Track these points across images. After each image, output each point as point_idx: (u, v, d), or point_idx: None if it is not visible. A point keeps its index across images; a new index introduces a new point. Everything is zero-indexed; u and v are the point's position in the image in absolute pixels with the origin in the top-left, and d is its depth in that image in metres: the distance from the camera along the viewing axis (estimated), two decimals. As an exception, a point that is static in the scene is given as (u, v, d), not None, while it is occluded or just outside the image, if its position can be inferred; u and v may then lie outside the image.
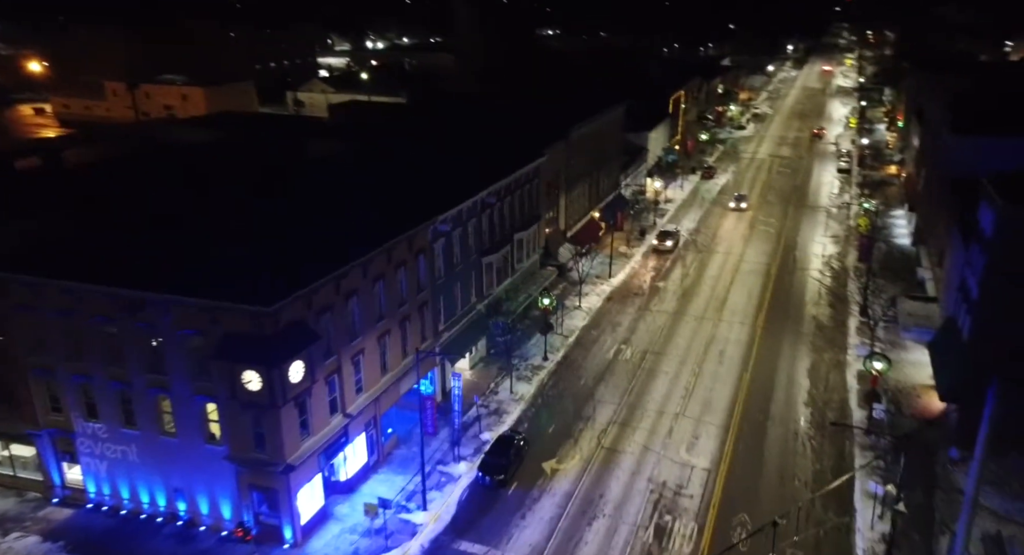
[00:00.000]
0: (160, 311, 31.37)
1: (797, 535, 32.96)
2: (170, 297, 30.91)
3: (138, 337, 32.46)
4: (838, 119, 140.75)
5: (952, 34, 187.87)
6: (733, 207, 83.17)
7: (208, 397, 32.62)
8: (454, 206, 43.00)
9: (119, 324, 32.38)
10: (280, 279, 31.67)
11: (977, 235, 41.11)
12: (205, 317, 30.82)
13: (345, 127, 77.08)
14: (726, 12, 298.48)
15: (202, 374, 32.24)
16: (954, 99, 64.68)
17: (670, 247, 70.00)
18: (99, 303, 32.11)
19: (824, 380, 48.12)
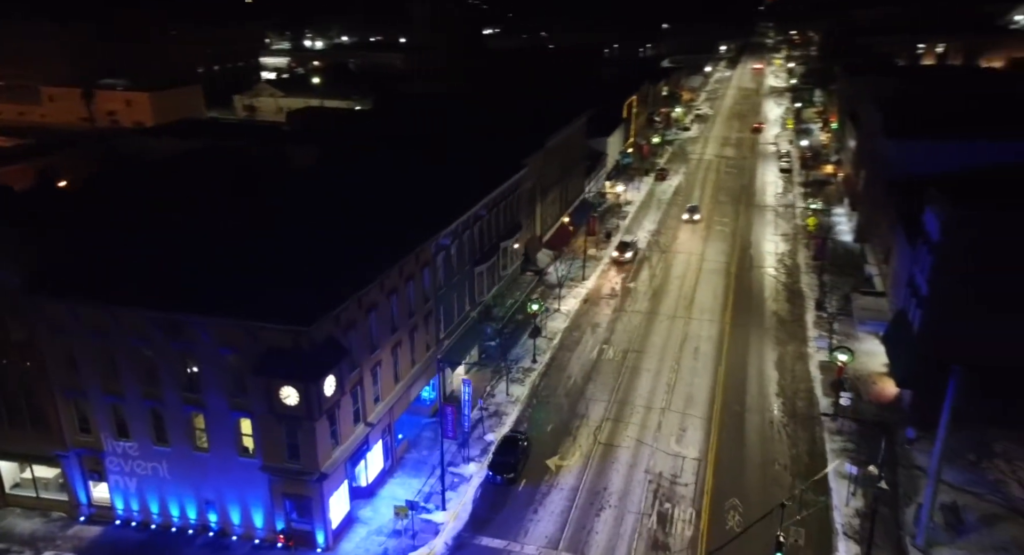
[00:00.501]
0: (198, 331, 32.93)
1: (799, 515, 36.75)
2: (212, 319, 32.50)
3: (174, 357, 33.91)
4: (774, 119, 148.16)
5: (871, 35, 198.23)
6: (686, 219, 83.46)
7: (243, 412, 34.34)
8: (454, 219, 45.52)
9: (156, 345, 33.76)
10: (312, 297, 33.66)
11: (923, 237, 46.00)
12: (244, 336, 32.57)
13: (318, 135, 78.05)
14: (659, 11, 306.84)
15: (238, 390, 33.95)
16: (886, 105, 70.51)
17: (630, 258, 71.39)
18: (137, 325, 33.42)
19: (791, 371, 52.62)
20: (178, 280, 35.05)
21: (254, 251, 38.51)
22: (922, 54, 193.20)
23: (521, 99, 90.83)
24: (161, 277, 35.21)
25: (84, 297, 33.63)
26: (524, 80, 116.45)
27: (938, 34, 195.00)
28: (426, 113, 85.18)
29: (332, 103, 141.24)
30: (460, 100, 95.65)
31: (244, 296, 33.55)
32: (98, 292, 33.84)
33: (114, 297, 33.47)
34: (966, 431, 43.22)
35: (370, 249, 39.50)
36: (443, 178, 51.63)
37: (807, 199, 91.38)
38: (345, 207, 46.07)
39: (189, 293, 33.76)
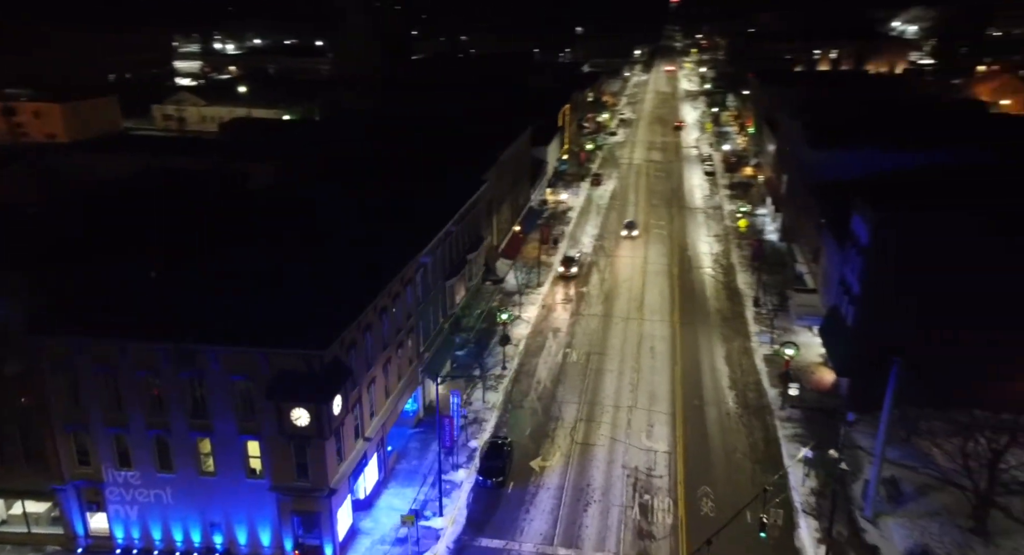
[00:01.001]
0: (209, 359, 33.91)
1: (778, 498, 40.79)
2: (226, 347, 33.56)
3: (182, 385, 34.71)
4: (692, 123, 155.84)
5: (772, 42, 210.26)
6: (625, 235, 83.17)
7: (252, 435, 35.49)
8: (433, 236, 47.52)
9: (164, 375, 34.48)
10: (316, 319, 35.20)
11: (852, 241, 51.32)
12: (255, 362, 33.79)
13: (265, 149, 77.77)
14: (571, 14, 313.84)
15: (247, 414, 35.08)
16: (805, 116, 76.84)
17: (575, 273, 72.34)
18: (146, 357, 34.05)
19: (739, 365, 57.26)
20: (179, 308, 35.90)
21: (245, 275, 39.66)
22: (818, 59, 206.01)
23: (461, 109, 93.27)
24: (161, 306, 35.96)
25: (92, 333, 33.94)
26: (458, 89, 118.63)
27: (831, 40, 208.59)
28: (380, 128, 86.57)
29: (259, 113, 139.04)
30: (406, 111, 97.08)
31: (248, 322, 34.81)
32: (104, 326, 34.23)
33: (124, 331, 33.97)
34: (895, 411, 48.81)
35: (360, 269, 41.18)
36: (412, 194, 53.51)
37: (733, 201, 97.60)
38: (321, 227, 47.45)
39: (194, 322, 34.69)
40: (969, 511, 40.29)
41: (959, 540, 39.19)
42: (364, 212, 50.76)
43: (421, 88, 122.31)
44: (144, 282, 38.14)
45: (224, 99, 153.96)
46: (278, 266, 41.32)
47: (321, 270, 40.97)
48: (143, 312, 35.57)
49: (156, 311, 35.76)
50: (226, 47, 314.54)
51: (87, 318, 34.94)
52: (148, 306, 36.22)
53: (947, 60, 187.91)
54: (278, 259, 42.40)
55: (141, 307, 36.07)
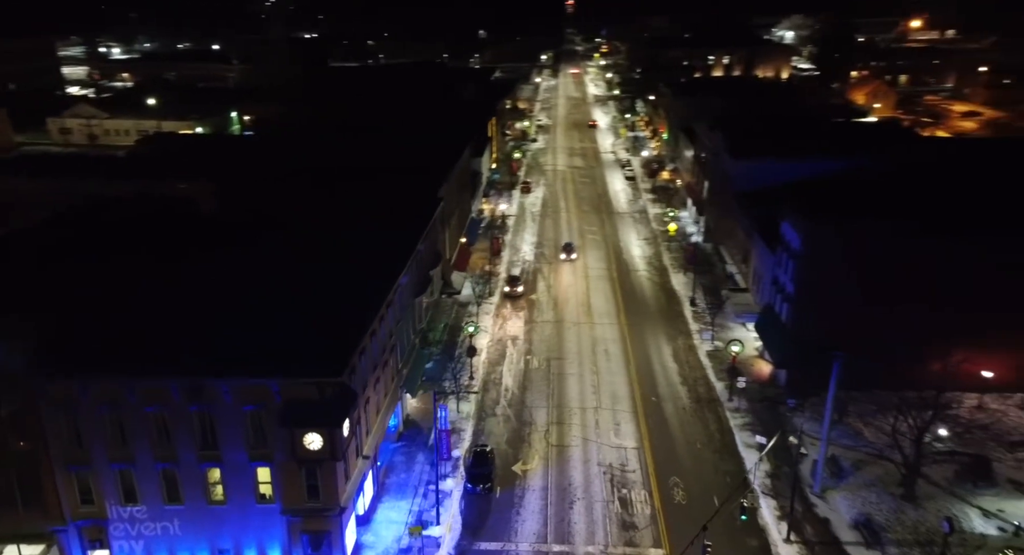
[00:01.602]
0: (221, 392, 34.82)
1: (753, 486, 45.26)
2: (239, 379, 34.56)
3: (192, 418, 35.41)
4: (605, 127, 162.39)
5: (670, 47, 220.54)
6: (564, 258, 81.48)
7: (263, 462, 36.61)
8: (407, 258, 49.43)
9: (173, 409, 35.08)
10: (321, 347, 36.69)
11: (784, 246, 56.96)
12: (268, 391, 34.99)
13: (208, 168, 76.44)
14: (473, 19, 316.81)
15: (257, 442, 36.18)
16: (723, 126, 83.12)
17: (521, 292, 72.77)
18: (155, 392, 34.56)
19: (686, 362, 62.08)
20: (179, 341, 36.46)
21: (233, 304, 40.46)
22: (712, 65, 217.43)
23: (394, 121, 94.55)
24: (161, 339, 36.40)
25: (100, 372, 34.13)
26: (385, 99, 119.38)
27: (724, 47, 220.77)
28: (311, 140, 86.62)
29: (169, 126, 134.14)
30: (339, 123, 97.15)
31: (254, 352, 35.90)
32: (110, 364, 34.47)
33: (132, 368, 34.35)
34: (824, 395, 54.67)
35: (345, 293, 42.71)
36: (374, 214, 54.97)
37: (655, 205, 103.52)
38: (294, 252, 48.42)
39: (200, 354, 35.45)
40: (899, 480, 46.20)
41: (893, 506, 44.94)
42: (331, 234, 51.91)
43: (347, 98, 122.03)
44: (136, 315, 38.29)
45: (128, 111, 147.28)
46: (263, 293, 42.22)
47: (308, 296, 42.20)
48: (144, 346, 35.93)
49: (157, 344, 36.20)
50: (112, 51, 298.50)
51: (89, 356, 35.01)
52: (147, 340, 36.57)
53: (825, 66, 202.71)
54: (261, 286, 43.23)
55: (140, 341, 36.38)
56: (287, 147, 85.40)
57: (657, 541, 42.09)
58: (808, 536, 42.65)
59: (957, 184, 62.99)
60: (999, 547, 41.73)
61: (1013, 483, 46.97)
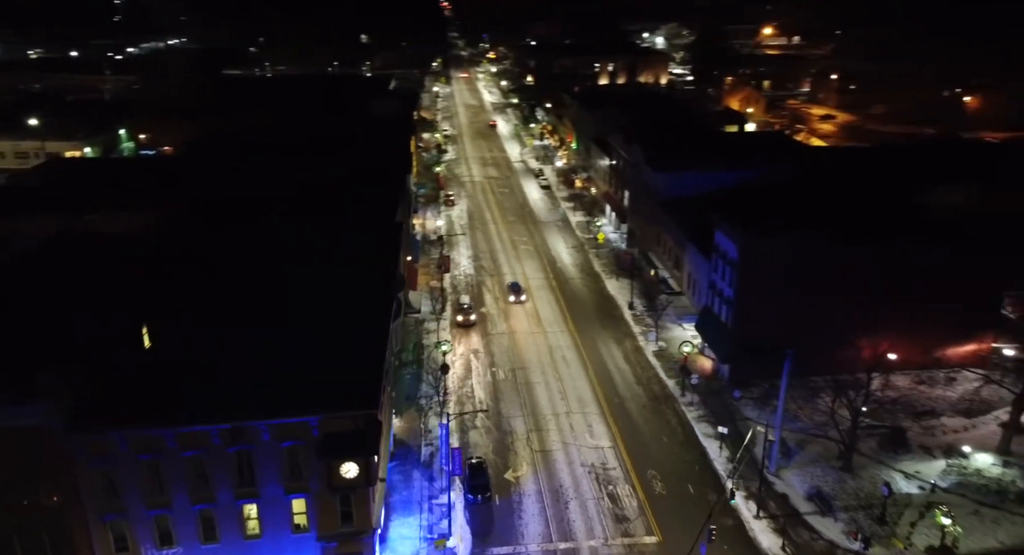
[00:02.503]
0: (260, 432, 36.33)
1: (735, 473, 50.86)
2: (280, 420, 36.21)
3: (230, 459, 36.66)
4: (508, 135, 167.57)
5: (557, 54, 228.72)
6: (513, 300, 78.17)
7: (299, 494, 38.37)
8: (391, 285, 51.73)
9: (212, 453, 36.21)
10: (345, 379, 38.87)
11: (719, 254, 63.59)
12: (307, 427, 36.86)
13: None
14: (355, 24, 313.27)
15: (294, 475, 37.91)
16: (640, 138, 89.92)
17: (474, 321, 73.26)
18: (194, 439, 35.58)
19: (637, 363, 67.74)
20: (204, 384, 37.53)
21: (249, 343, 41.70)
22: (598, 72, 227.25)
23: (315, 138, 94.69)
24: (192, 384, 37.35)
25: (140, 424, 34.78)
26: (297, 114, 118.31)
27: (609, 54, 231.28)
28: (237, 161, 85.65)
29: (53, 146, 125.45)
30: (260, 141, 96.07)
31: (287, 390, 37.62)
32: (148, 414, 35.19)
33: (172, 417, 35.23)
34: (765, 385, 61.89)
35: (348, 324, 44.76)
36: (342, 243, 56.71)
37: (577, 213, 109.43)
38: (279, 286, 49.63)
39: (235, 397, 36.76)
40: (837, 455, 53.59)
41: (835, 478, 52.16)
42: (307, 265, 53.29)
43: (258, 114, 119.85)
44: (154, 359, 38.84)
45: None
46: (269, 329, 43.57)
47: (311, 328, 43.94)
48: (177, 392, 36.77)
49: (188, 389, 37.11)
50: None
51: (125, 408, 35.50)
52: (176, 385, 37.36)
53: (700, 73, 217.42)
54: (262, 321, 44.47)
55: (170, 387, 37.15)
56: (212, 170, 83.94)
57: (649, 530, 47.06)
58: (773, 511, 48.95)
59: (847, 190, 72.57)
60: (922, 503, 49.66)
61: (923, 448, 55.51)
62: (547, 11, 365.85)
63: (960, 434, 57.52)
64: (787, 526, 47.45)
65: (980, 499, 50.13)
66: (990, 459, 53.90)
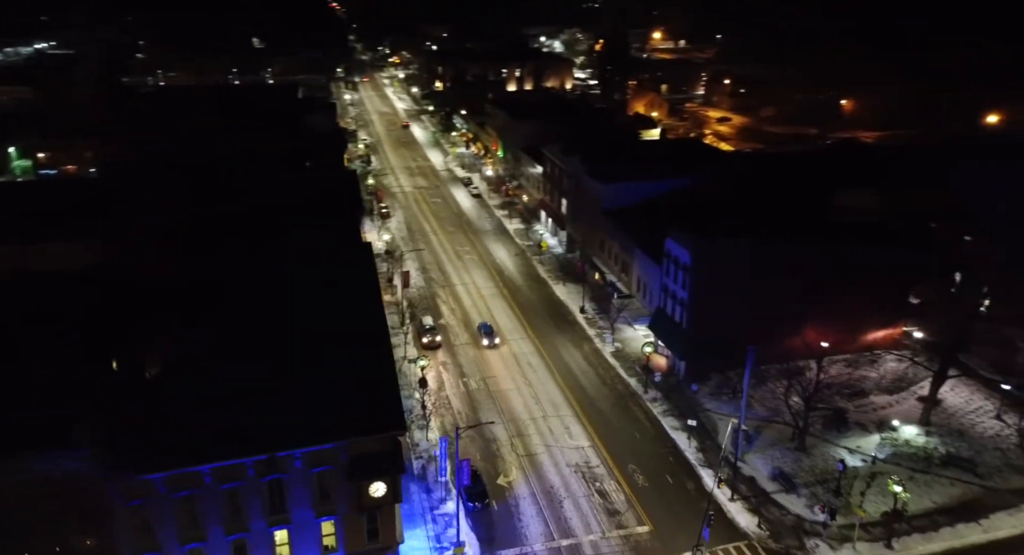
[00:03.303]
0: (294, 460, 37.43)
1: (720, 463, 55.30)
2: (313, 447, 37.40)
3: (264, 489, 37.54)
4: (426, 142, 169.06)
5: (466, 61, 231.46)
6: (487, 344, 72.96)
7: (329, 516, 39.67)
8: (379, 308, 53.22)
9: (248, 484, 36.99)
10: (366, 403, 40.49)
11: (671, 259, 68.48)
12: (337, 451, 38.26)
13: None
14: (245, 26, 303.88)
15: (324, 498, 39.18)
16: (578, 149, 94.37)
17: (439, 343, 73.76)
18: (230, 473, 36.28)
19: (598, 365, 71.79)
20: (233, 416, 38.23)
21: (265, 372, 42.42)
22: (506, 78, 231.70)
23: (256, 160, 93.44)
24: (219, 418, 37.93)
25: (180, 464, 35.17)
26: (224, 130, 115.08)
27: (516, 60, 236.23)
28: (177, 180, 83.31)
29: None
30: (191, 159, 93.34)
31: (314, 416, 38.87)
32: (186, 453, 35.63)
33: (209, 453, 35.80)
34: (719, 376, 67.35)
35: (350, 346, 46.07)
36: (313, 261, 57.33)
37: (512, 221, 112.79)
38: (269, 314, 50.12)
39: (267, 428, 37.68)
40: (790, 437, 59.48)
41: (792, 458, 57.94)
42: (291, 290, 53.84)
43: (177, 129, 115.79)
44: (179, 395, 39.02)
45: None
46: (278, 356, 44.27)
47: (318, 352, 44.99)
48: (210, 428, 37.26)
49: (213, 424, 37.65)
50: None
51: (162, 449, 35.75)
52: (204, 420, 37.79)
53: (606, 79, 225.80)
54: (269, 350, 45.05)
55: (201, 423, 37.55)
56: (148, 194, 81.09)
57: (640, 520, 51.00)
58: (744, 493, 54.03)
59: (768, 194, 79.53)
60: (867, 474, 56.04)
61: (860, 425, 62.28)
62: (443, 15, 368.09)
63: (887, 410, 64.80)
64: (759, 505, 52.62)
65: (912, 466, 57.10)
66: (915, 430, 61.18)
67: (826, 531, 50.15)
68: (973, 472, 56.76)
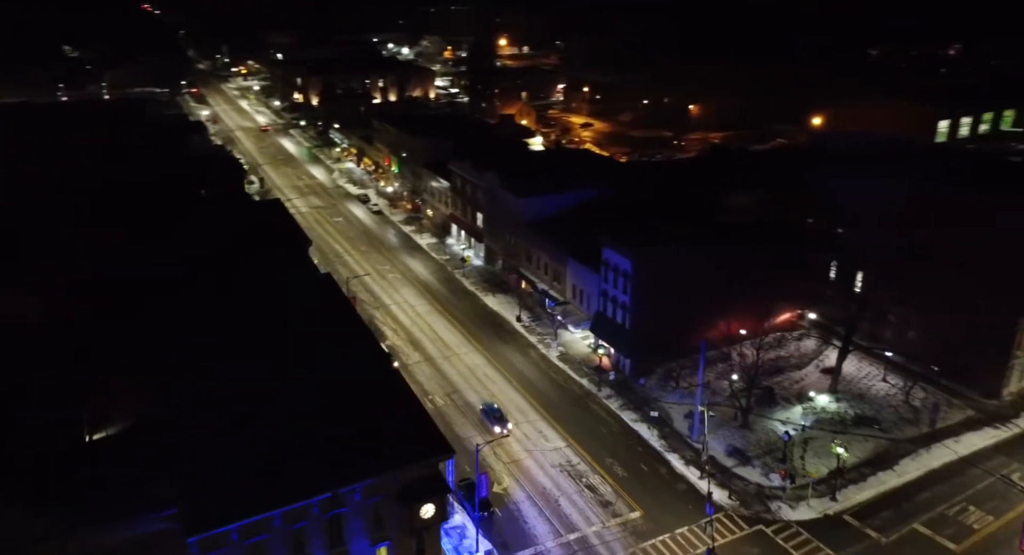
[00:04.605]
0: (352, 494, 38.85)
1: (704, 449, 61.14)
2: (372, 479, 38.98)
3: (325, 523, 38.64)
4: (304, 158, 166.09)
5: (329, 73, 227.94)
6: (499, 432, 64.60)
7: (383, 542, 41.31)
8: (365, 334, 54.58)
9: (312, 521, 37.97)
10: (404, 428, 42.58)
11: (610, 267, 74.37)
12: (392, 480, 40.09)
13: None
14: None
15: (378, 526, 40.81)
16: (491, 165, 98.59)
17: (396, 365, 72.00)
18: (298, 514, 37.14)
19: (548, 369, 76.42)
20: (289, 461, 39.04)
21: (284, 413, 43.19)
22: (369, 88, 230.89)
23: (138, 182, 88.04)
24: (273, 463, 38.57)
25: (254, 513, 35.59)
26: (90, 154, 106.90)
27: (378, 71, 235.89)
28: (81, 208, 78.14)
29: None
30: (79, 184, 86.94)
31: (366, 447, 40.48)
32: (258, 501, 36.10)
33: (278, 498, 36.48)
34: (660, 370, 74.35)
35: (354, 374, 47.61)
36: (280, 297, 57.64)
37: (421, 236, 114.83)
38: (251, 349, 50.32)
39: (319, 467, 38.83)
40: (733, 416, 67.33)
41: (740, 435, 65.70)
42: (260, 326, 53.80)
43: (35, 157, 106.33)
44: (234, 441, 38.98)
45: None
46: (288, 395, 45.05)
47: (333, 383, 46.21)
48: (265, 474, 37.76)
49: (271, 468, 38.22)
50: None
51: (231, 498, 35.90)
52: (257, 467, 38.21)
53: (470, 88, 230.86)
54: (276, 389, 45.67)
55: (251, 470, 37.94)
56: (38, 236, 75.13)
57: (631, 507, 56.32)
58: (710, 470, 60.88)
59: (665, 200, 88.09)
60: (800, 441, 64.82)
61: (784, 399, 71.45)
62: (282, 20, 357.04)
63: (800, 384, 74.52)
64: (724, 480, 59.62)
65: (833, 429, 66.60)
66: (827, 398, 71.13)
67: (785, 494, 57.99)
68: (879, 428, 67.24)
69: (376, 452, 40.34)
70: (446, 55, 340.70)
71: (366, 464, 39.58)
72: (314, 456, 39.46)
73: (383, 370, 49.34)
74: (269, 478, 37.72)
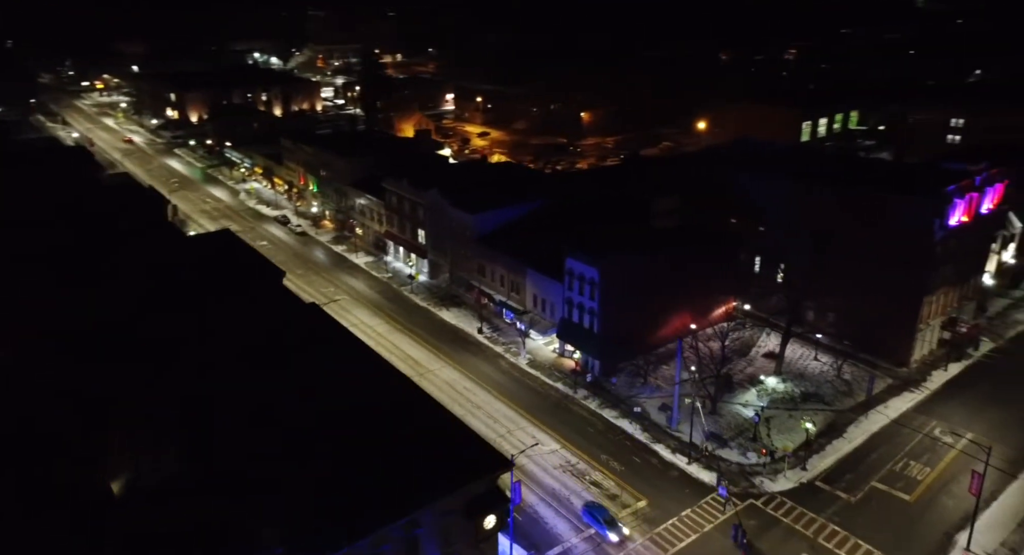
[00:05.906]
0: (424, 514, 40.27)
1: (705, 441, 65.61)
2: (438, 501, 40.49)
3: (403, 545, 39.81)
4: (199, 179, 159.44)
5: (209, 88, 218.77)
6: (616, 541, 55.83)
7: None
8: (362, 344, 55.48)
9: (395, 543, 39.07)
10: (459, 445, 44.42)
11: (576, 277, 78.32)
12: (461, 496, 41.79)
13: None
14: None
15: (447, 541, 42.36)
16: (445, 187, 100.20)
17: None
18: (383, 538, 38.16)
19: (522, 376, 79.32)
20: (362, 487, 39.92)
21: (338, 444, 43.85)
22: (252, 101, 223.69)
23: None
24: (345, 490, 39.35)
25: (352, 537, 36.30)
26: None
27: (263, 85, 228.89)
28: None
29: None
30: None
31: (423, 470, 41.97)
32: (359, 524, 36.92)
33: (363, 526, 37.38)
34: (628, 369, 79.22)
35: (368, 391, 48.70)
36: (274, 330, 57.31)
37: (355, 255, 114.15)
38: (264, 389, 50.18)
39: (392, 491, 40.02)
40: (704, 403, 73.26)
41: (712, 420, 71.59)
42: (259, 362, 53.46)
43: None
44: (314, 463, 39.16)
45: None
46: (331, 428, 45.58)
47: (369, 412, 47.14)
48: (344, 502, 38.47)
49: (345, 495, 39.00)
50: None
51: (326, 528, 36.40)
52: (333, 495, 38.84)
53: (364, 101, 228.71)
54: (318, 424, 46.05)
55: (329, 499, 38.54)
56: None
57: (636, 497, 60.54)
58: (694, 456, 66.28)
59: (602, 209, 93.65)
60: (764, 420, 71.72)
61: (740, 385, 78.44)
62: (133, 28, 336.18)
63: (748, 369, 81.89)
64: (709, 463, 65.16)
65: (786, 407, 74.15)
66: (775, 380, 78.75)
67: (765, 469, 64.29)
68: (824, 402, 75.43)
69: (444, 472, 41.86)
70: (319, 65, 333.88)
71: (437, 484, 41.03)
72: (386, 483, 40.46)
73: (413, 391, 50.53)
74: (351, 509, 38.43)
